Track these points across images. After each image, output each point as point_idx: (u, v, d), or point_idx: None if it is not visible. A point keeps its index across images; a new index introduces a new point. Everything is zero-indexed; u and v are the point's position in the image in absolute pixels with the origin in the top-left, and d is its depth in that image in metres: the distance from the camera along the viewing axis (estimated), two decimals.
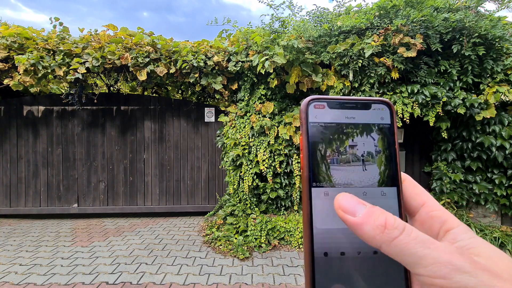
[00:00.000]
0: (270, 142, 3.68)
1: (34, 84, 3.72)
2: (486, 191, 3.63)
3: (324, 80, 3.53)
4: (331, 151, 0.27)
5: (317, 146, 0.27)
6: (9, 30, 3.68)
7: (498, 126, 3.51)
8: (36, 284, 2.48)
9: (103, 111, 4.50)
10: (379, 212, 0.23)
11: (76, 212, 4.50)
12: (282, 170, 3.75)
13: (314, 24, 3.65)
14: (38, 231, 3.88)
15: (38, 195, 4.46)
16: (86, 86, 4.24)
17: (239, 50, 3.81)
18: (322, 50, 3.51)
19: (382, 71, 3.33)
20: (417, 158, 4.34)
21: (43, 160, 4.45)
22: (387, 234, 0.22)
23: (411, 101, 3.40)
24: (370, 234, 0.22)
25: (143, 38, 3.76)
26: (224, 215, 3.74)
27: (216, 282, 2.54)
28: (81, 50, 3.70)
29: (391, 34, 3.27)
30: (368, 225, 0.23)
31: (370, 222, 0.23)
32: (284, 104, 3.88)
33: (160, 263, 2.89)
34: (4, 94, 4.55)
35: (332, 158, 0.27)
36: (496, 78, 3.36)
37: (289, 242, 3.40)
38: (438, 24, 3.24)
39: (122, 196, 4.55)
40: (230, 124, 3.96)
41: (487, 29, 3.15)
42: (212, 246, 3.33)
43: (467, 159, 3.78)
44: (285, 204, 3.90)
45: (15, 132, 4.40)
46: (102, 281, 2.52)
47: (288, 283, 2.54)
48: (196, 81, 3.89)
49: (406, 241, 0.21)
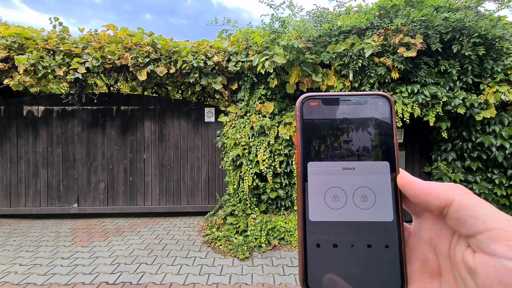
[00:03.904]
0: (270, 142, 3.68)
1: (34, 84, 3.72)
2: (486, 191, 3.63)
3: (324, 80, 3.53)
4: (325, 146, 0.28)
5: (311, 143, 0.28)
6: (9, 30, 3.68)
7: (498, 126, 3.50)
8: (36, 284, 2.48)
9: (103, 111, 4.50)
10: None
11: (76, 212, 4.50)
12: (282, 170, 3.75)
13: (314, 24, 3.64)
14: (38, 231, 3.88)
15: (38, 195, 4.46)
16: (86, 86, 4.24)
17: (239, 50, 3.81)
18: (322, 50, 3.51)
19: (382, 71, 3.33)
20: (417, 158, 4.34)
21: (43, 160, 4.45)
22: (461, 188, 0.23)
23: (411, 101, 3.40)
24: (443, 189, 0.23)
25: (143, 38, 3.75)
26: (224, 215, 3.74)
27: (216, 282, 2.53)
28: (81, 50, 3.70)
29: (391, 34, 3.27)
30: (438, 183, 0.24)
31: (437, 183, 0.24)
32: (284, 104, 3.88)
33: (160, 263, 2.89)
34: (4, 94, 4.55)
35: (326, 154, 0.28)
36: (496, 78, 3.36)
37: (289, 242, 3.40)
38: (438, 24, 3.24)
39: (122, 196, 4.55)
40: (230, 124, 3.96)
41: (487, 29, 3.15)
42: (212, 246, 3.33)
43: (467, 159, 3.77)
44: (285, 204, 3.90)
45: (15, 132, 4.40)
46: (102, 281, 2.52)
47: (288, 283, 2.54)
48: (196, 81, 3.89)
49: (478, 198, 0.22)
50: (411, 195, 0.25)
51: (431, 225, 0.26)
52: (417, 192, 0.24)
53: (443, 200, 0.23)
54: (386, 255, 0.26)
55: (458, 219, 0.22)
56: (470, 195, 0.22)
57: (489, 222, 0.20)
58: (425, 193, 0.24)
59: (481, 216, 0.21)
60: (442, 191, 0.23)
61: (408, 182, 0.25)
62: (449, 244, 0.24)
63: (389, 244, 0.26)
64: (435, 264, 0.25)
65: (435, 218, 0.26)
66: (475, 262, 0.21)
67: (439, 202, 0.23)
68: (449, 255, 0.24)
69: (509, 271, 0.18)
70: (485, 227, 0.20)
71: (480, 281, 0.20)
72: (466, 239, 0.22)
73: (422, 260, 0.26)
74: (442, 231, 0.25)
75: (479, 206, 0.21)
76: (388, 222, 0.26)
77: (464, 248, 0.22)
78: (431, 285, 0.25)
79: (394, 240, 0.26)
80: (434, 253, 0.25)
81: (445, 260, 0.24)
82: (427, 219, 0.26)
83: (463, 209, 0.22)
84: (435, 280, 0.25)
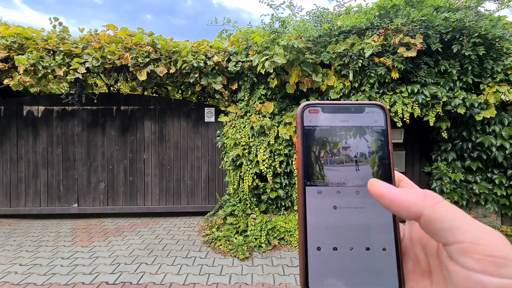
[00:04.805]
0: (270, 142, 3.68)
1: (34, 84, 3.72)
2: (486, 191, 3.63)
3: (324, 80, 3.53)
4: (324, 152, 0.29)
5: (311, 148, 0.29)
6: (9, 30, 3.68)
7: (498, 126, 3.51)
8: (36, 284, 2.48)
9: (103, 111, 4.50)
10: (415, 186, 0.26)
11: (76, 212, 4.50)
12: (282, 170, 3.75)
13: (314, 24, 3.64)
14: (38, 231, 3.88)
15: (38, 195, 4.46)
16: (86, 86, 4.24)
17: (239, 50, 3.81)
18: (322, 50, 3.51)
19: (382, 71, 3.33)
20: (417, 158, 4.34)
21: (43, 160, 4.45)
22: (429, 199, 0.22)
23: (411, 101, 3.40)
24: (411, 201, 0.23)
25: (143, 38, 3.75)
26: (224, 215, 3.74)
27: (216, 282, 2.54)
28: (81, 50, 3.70)
29: (391, 34, 3.27)
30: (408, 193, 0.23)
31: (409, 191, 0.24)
32: (284, 104, 3.88)
33: (160, 263, 2.89)
34: (4, 94, 4.55)
35: (326, 159, 0.29)
36: (496, 78, 3.36)
37: (289, 242, 3.40)
38: (438, 24, 3.24)
39: (122, 196, 4.55)
40: (230, 124, 3.96)
41: (487, 29, 3.15)
42: (212, 246, 3.33)
43: (467, 159, 3.77)
44: (285, 204, 3.90)
45: (15, 132, 4.40)
46: (102, 281, 2.52)
47: (288, 283, 2.54)
48: (196, 81, 3.89)
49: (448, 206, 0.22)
50: (384, 205, 0.24)
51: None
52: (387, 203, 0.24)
53: (412, 214, 0.23)
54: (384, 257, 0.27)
55: (429, 231, 0.22)
56: (439, 205, 0.22)
57: (458, 236, 0.20)
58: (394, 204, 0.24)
59: (450, 228, 0.21)
60: (411, 204, 0.23)
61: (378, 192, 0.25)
62: (438, 244, 0.25)
63: (386, 247, 0.27)
64: (425, 264, 0.26)
65: None
66: (449, 269, 0.22)
67: (409, 215, 0.23)
68: (438, 255, 0.25)
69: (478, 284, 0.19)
70: (454, 239, 0.20)
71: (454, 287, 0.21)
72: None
73: (414, 260, 0.27)
74: None
75: (448, 218, 0.21)
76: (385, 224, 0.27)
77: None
78: (423, 284, 0.25)
79: (391, 242, 0.27)
80: (424, 253, 0.26)
81: (435, 259, 0.25)
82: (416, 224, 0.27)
83: (432, 222, 0.21)
84: (427, 279, 0.25)
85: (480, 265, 0.19)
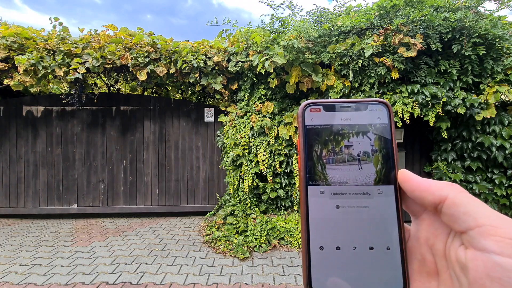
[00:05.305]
0: (270, 142, 3.68)
1: (34, 84, 3.72)
2: (486, 191, 3.63)
3: (324, 80, 3.53)
4: (326, 151, 0.29)
5: (313, 148, 0.29)
6: (9, 30, 3.68)
7: (498, 126, 3.50)
8: (36, 284, 2.48)
9: (103, 111, 4.50)
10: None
11: (76, 212, 4.50)
12: (282, 170, 3.75)
13: (314, 24, 3.64)
14: (38, 231, 3.88)
15: (38, 195, 4.45)
16: (86, 86, 4.24)
17: (239, 50, 3.81)
18: (322, 50, 3.51)
19: (382, 71, 3.33)
20: (417, 158, 4.34)
21: (42, 160, 4.44)
22: (456, 187, 0.24)
23: (411, 101, 3.40)
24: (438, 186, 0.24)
25: (143, 38, 3.75)
26: (224, 215, 3.74)
27: (216, 282, 2.53)
28: (81, 50, 3.70)
29: (391, 34, 3.27)
30: (435, 181, 0.25)
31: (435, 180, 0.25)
32: (284, 104, 3.88)
33: (160, 263, 2.89)
34: (4, 94, 4.55)
35: (328, 158, 0.29)
36: (496, 78, 3.36)
37: (289, 242, 3.40)
38: (438, 24, 3.24)
39: (122, 196, 4.55)
40: (230, 124, 3.96)
41: (487, 29, 3.15)
42: (212, 246, 3.33)
43: (467, 159, 3.77)
44: (285, 204, 3.89)
45: (14, 132, 4.40)
46: (102, 281, 2.52)
47: (288, 283, 2.54)
48: (196, 81, 3.89)
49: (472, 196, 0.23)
50: (408, 190, 0.26)
51: (428, 226, 0.27)
52: (413, 187, 0.26)
53: (437, 197, 0.24)
54: (387, 257, 0.26)
55: (451, 215, 0.23)
56: (464, 193, 0.23)
57: (480, 219, 0.21)
58: (421, 189, 0.25)
59: (473, 212, 0.21)
60: (437, 188, 0.24)
61: (406, 177, 0.27)
62: (445, 244, 0.25)
63: (390, 246, 0.27)
64: (432, 264, 0.26)
65: (432, 219, 0.26)
66: (466, 258, 0.22)
67: (433, 198, 0.24)
68: (444, 255, 0.25)
69: (497, 265, 0.19)
70: (476, 223, 0.21)
71: (470, 276, 0.21)
72: (460, 237, 0.23)
73: (420, 260, 0.27)
74: (438, 231, 0.26)
75: (472, 203, 0.22)
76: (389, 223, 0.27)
77: (458, 246, 0.23)
78: (429, 285, 0.25)
79: (395, 242, 0.27)
80: (431, 253, 0.26)
81: (441, 259, 0.25)
82: (424, 220, 0.27)
83: (456, 206, 0.23)
84: (433, 280, 0.25)
85: (499, 247, 0.19)
